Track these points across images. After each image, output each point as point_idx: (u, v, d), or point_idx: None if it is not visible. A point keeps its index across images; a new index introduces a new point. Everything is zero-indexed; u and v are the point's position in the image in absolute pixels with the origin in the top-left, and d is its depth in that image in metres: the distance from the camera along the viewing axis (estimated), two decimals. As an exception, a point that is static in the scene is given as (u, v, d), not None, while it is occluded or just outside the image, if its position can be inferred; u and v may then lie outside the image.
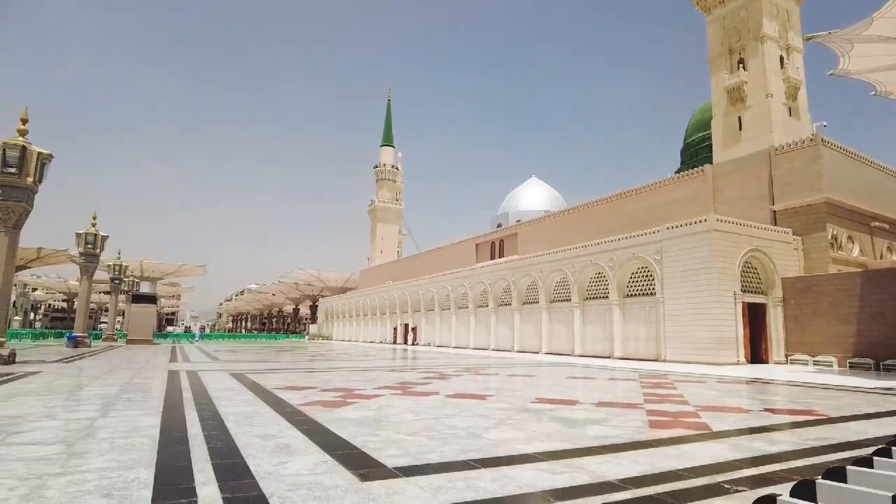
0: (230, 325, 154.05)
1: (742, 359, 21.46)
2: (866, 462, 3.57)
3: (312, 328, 77.02)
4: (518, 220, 50.66)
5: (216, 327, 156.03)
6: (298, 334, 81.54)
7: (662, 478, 4.08)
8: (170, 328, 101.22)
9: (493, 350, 34.48)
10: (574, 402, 8.79)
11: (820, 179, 24.73)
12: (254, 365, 17.53)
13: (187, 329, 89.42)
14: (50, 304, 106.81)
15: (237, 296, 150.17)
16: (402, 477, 3.96)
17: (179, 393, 9.15)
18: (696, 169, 31.68)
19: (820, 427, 6.74)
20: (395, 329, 51.60)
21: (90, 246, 28.98)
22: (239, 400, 8.38)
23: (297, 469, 4.15)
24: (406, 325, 49.22)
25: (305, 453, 4.72)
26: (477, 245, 51.28)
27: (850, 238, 25.71)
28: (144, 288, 62.19)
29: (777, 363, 22.33)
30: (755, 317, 22.99)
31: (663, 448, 5.23)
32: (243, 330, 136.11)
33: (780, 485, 3.88)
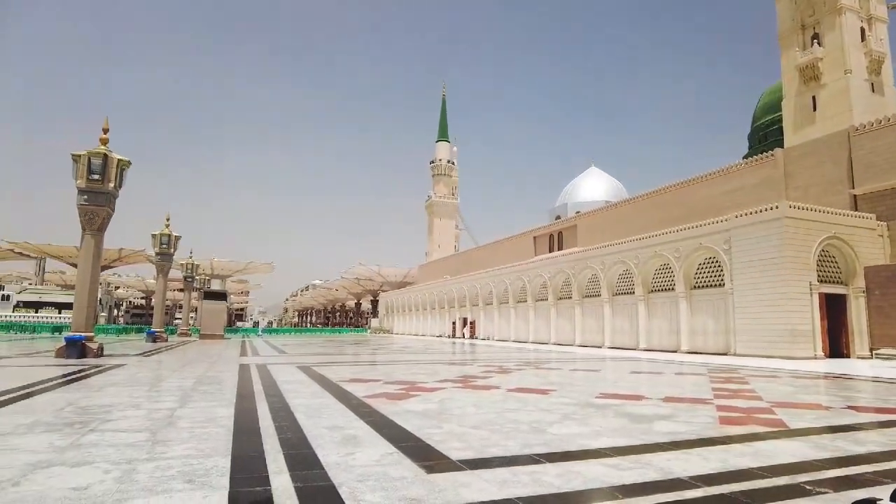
0: (296, 319, 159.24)
1: (819, 353, 20.31)
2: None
3: (374, 322, 78.53)
4: (577, 212, 49.73)
5: (283, 322, 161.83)
6: (360, 328, 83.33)
7: (736, 476, 3.93)
8: (239, 323, 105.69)
9: (554, 345, 34.10)
10: (640, 398, 8.59)
11: (908, 160, 23.05)
12: (319, 358, 18.07)
13: (255, 324, 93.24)
14: (130, 302, 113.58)
15: (302, 291, 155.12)
16: (466, 470, 3.99)
17: (250, 385, 9.56)
18: (765, 154, 30.15)
19: (911, 426, 6.30)
20: (453, 323, 51.90)
21: (165, 246, 30.61)
22: (307, 392, 8.66)
23: (364, 460, 4.25)
24: (464, 319, 49.41)
25: (372, 445, 4.83)
26: (535, 238, 50.78)
27: (942, 223, 23.84)
28: (215, 285, 65.16)
29: (860, 358, 21.02)
30: (834, 308, 21.70)
31: (736, 445, 5.03)
32: (308, 324, 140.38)
33: (870, 487, 3.66)
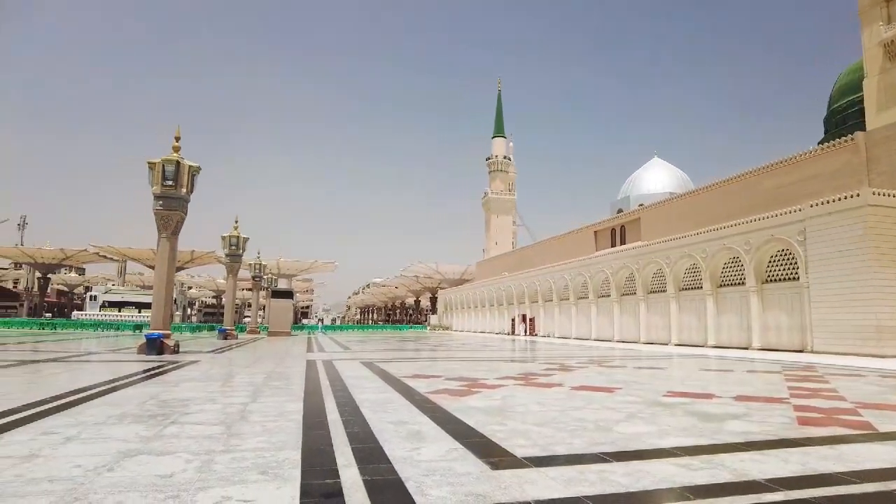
0: (358, 316, 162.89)
1: (910, 350, 18.92)
2: None
3: (433, 319, 79.23)
4: (640, 204, 48.26)
5: (345, 319, 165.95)
6: (420, 325, 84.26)
7: (819, 480, 3.72)
8: (305, 321, 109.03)
9: (617, 342, 33.32)
10: (710, 396, 8.27)
11: None
12: (381, 354, 18.40)
13: (320, 321, 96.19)
14: (202, 301, 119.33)
15: (363, 289, 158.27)
16: (532, 467, 3.97)
17: (317, 380, 9.85)
18: (844, 138, 28.26)
19: None
20: (512, 320, 51.61)
21: (234, 247, 31.95)
22: (371, 387, 8.85)
23: (429, 455, 4.30)
24: (524, 316, 49.04)
25: (436, 440, 4.88)
26: (596, 232, 49.75)
27: None
28: (282, 284, 67.57)
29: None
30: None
31: (817, 448, 4.76)
32: (370, 321, 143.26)
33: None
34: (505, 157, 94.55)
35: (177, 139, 17.05)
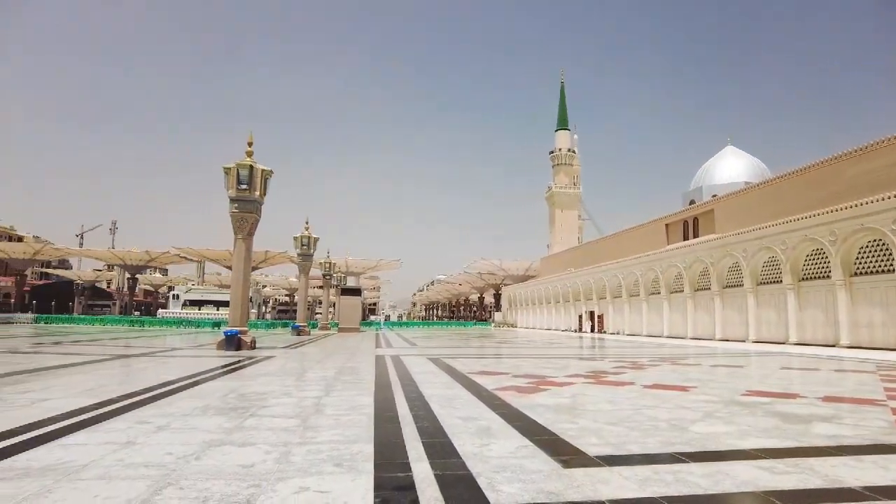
0: (423, 313, 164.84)
1: None
2: None
3: (497, 316, 79.02)
4: (714, 195, 46.16)
5: (411, 315, 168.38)
6: (484, 322, 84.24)
7: (924, 488, 3.44)
8: (373, 317, 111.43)
9: (691, 339, 32.11)
10: (793, 396, 7.83)
11: None
12: (447, 350, 18.53)
13: (387, 318, 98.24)
14: (276, 299, 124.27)
15: (428, 286, 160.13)
16: (604, 466, 3.89)
17: (387, 375, 10.04)
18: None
19: None
20: (579, 317, 50.70)
21: (305, 247, 33.01)
22: (438, 383, 8.93)
23: (499, 451, 4.30)
24: (591, 313, 48.08)
25: (506, 437, 4.87)
26: (667, 225, 47.99)
27: None
28: (350, 282, 69.32)
29: None
30: None
31: (920, 454, 4.41)
32: (434, 318, 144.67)
33: None
34: (569, 150, 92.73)
35: (249, 144, 17.79)
